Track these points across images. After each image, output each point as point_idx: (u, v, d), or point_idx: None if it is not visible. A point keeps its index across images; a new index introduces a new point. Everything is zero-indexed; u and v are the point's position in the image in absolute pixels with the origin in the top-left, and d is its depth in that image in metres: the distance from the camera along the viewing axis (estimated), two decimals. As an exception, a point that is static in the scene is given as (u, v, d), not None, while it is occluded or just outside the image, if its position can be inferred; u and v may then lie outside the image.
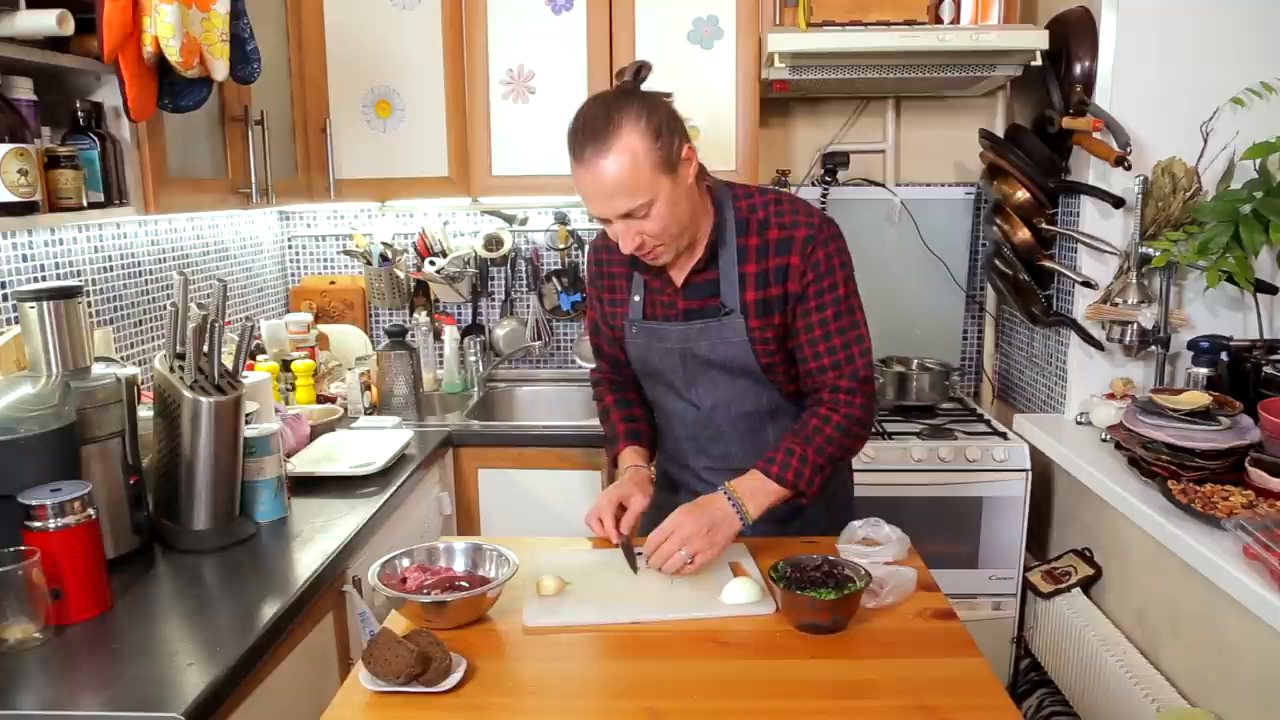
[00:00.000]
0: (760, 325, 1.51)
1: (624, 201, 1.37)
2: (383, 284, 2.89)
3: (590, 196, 1.39)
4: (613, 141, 1.34)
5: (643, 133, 1.35)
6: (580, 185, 1.39)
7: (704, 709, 1.12)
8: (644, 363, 1.63)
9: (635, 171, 1.34)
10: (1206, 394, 1.92)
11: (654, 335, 1.59)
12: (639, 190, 1.36)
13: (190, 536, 1.58)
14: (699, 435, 1.64)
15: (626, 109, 1.36)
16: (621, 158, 1.34)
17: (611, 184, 1.35)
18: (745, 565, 1.46)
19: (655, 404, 1.70)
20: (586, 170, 1.36)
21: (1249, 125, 2.06)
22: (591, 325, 1.76)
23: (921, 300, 2.91)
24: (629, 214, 1.38)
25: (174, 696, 1.13)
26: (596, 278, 1.68)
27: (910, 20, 2.35)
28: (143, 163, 1.73)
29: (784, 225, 1.49)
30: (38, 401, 1.39)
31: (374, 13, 2.51)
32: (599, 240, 1.66)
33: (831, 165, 2.78)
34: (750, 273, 1.50)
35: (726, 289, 1.51)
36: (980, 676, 1.18)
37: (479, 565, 1.40)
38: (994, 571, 2.39)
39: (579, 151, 1.37)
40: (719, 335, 1.53)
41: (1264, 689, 1.53)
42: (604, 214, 1.40)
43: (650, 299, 1.59)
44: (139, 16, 1.54)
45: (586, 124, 1.37)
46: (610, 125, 1.35)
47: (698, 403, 1.61)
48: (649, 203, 1.37)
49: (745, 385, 1.57)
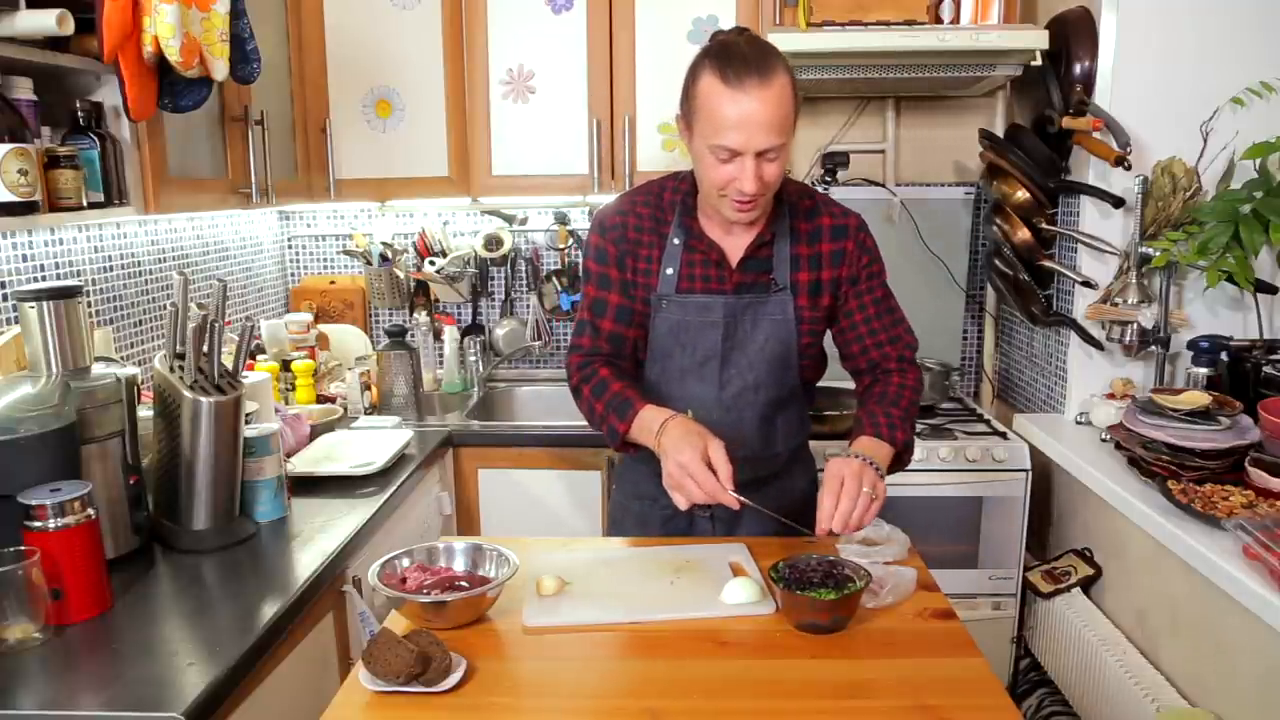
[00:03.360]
0: (809, 305, 1.56)
1: (773, 137, 1.36)
2: (383, 284, 2.89)
3: (740, 124, 1.35)
4: (774, 77, 1.35)
5: (790, 77, 1.38)
6: (729, 113, 1.35)
7: (704, 709, 1.12)
8: (674, 339, 1.57)
9: (787, 108, 1.37)
10: (1206, 394, 1.92)
11: (693, 309, 1.55)
12: (784, 130, 1.38)
13: (190, 536, 1.58)
14: (718, 419, 1.55)
15: (777, 54, 1.39)
16: (781, 94, 1.35)
17: (768, 117, 1.35)
18: (745, 565, 1.46)
19: (663, 392, 1.60)
20: (746, 98, 1.34)
21: (1249, 125, 2.06)
22: (593, 305, 1.61)
23: (921, 300, 2.90)
24: (764, 152, 1.37)
25: (174, 696, 1.13)
26: (619, 245, 1.57)
27: (910, 20, 2.35)
28: (143, 163, 1.73)
29: (834, 214, 1.58)
30: (38, 401, 1.39)
31: (374, 13, 2.51)
32: (620, 206, 1.60)
33: (831, 165, 2.77)
34: (803, 255, 1.56)
35: (779, 266, 1.55)
36: (980, 676, 1.18)
37: (479, 565, 1.40)
38: (994, 571, 2.39)
39: (739, 80, 1.34)
40: (765, 311, 1.55)
41: (1264, 689, 1.53)
42: (748, 146, 1.36)
43: (689, 272, 1.56)
44: (139, 16, 1.54)
45: (746, 55, 1.36)
46: (770, 62, 1.36)
47: (725, 384, 1.58)
48: (783, 145, 1.39)
49: (775, 369, 1.58)
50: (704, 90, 1.38)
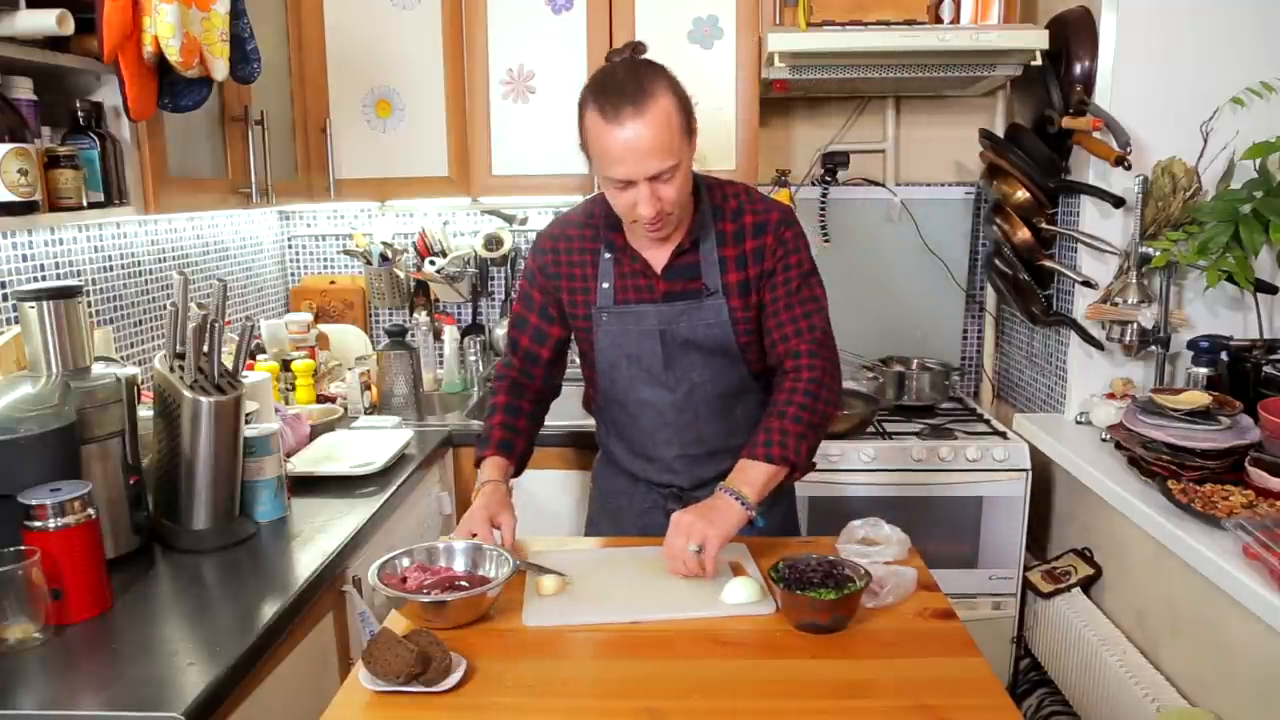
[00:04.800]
0: (741, 305, 1.57)
1: (657, 162, 1.38)
2: (383, 284, 2.89)
3: (623, 157, 1.38)
4: (650, 103, 1.36)
5: (673, 98, 1.40)
6: (611, 146, 1.38)
7: (704, 709, 1.12)
8: (617, 349, 1.62)
9: (670, 133, 1.38)
10: (1206, 394, 1.92)
11: (629, 319, 1.59)
12: (672, 152, 1.38)
13: (190, 536, 1.58)
14: (674, 421, 1.64)
15: (657, 74, 1.41)
16: (660, 118, 1.36)
17: (649, 144, 1.36)
18: (745, 565, 1.46)
19: (619, 399, 1.67)
20: (622, 130, 1.36)
21: (1249, 125, 2.06)
22: (516, 319, 1.72)
23: (921, 300, 2.91)
24: (656, 176, 1.39)
25: (174, 696, 1.13)
26: (551, 270, 1.64)
27: (910, 20, 2.35)
28: (143, 163, 1.73)
29: (757, 211, 1.58)
30: (38, 401, 1.39)
31: (374, 13, 2.51)
32: (553, 231, 1.66)
33: (831, 165, 2.78)
34: (730, 256, 1.57)
35: (708, 271, 1.56)
36: (980, 676, 1.18)
37: (479, 565, 1.40)
38: (994, 571, 2.39)
39: (615, 113, 1.36)
40: (700, 317, 1.57)
41: (1264, 689, 1.53)
42: (636, 175, 1.39)
43: (622, 284, 1.60)
44: (139, 16, 1.54)
45: (620, 87, 1.38)
46: (647, 87, 1.37)
47: (674, 386, 1.62)
48: (676, 166, 1.40)
49: (720, 365, 1.61)
50: (589, 127, 1.41)
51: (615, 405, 1.69)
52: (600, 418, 1.78)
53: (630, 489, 1.74)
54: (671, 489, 1.70)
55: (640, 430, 1.68)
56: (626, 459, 1.73)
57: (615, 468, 1.77)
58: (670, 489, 1.70)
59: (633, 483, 1.74)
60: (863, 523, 1.56)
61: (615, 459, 1.76)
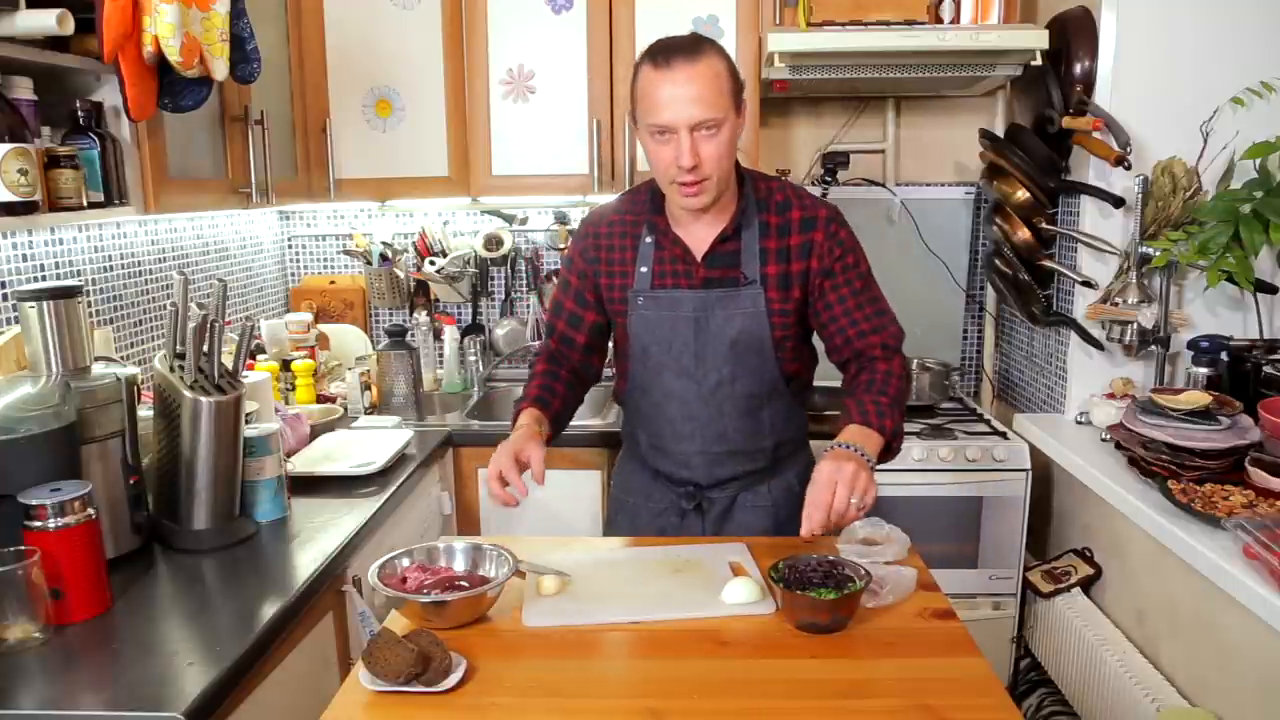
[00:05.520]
0: (779, 298, 1.57)
1: (702, 110, 1.41)
2: (383, 284, 2.89)
3: (669, 102, 1.41)
4: (702, 56, 1.43)
5: (725, 62, 1.46)
6: (657, 92, 1.42)
7: (704, 709, 1.12)
8: (650, 334, 1.62)
9: (718, 85, 1.43)
10: (1206, 394, 1.92)
11: (666, 304, 1.60)
12: (718, 104, 1.42)
13: (190, 536, 1.58)
14: (698, 415, 1.63)
15: (714, 43, 1.48)
16: (709, 70, 1.42)
17: (696, 91, 1.41)
18: (745, 565, 1.46)
19: (646, 388, 1.66)
20: (672, 75, 1.41)
21: (1249, 125, 2.06)
22: (553, 305, 1.76)
23: (921, 300, 2.90)
24: (700, 125, 1.42)
25: (174, 696, 1.13)
26: (592, 254, 1.66)
27: (910, 20, 2.35)
28: (143, 163, 1.73)
29: (805, 206, 1.59)
30: (38, 401, 1.39)
31: (374, 12, 2.51)
32: (593, 217, 1.69)
33: (831, 165, 2.77)
34: (771, 248, 1.57)
35: (748, 260, 1.57)
36: (980, 676, 1.18)
37: (479, 565, 1.40)
38: (994, 571, 2.39)
39: (665, 61, 1.42)
40: (736, 305, 1.57)
41: (1264, 689, 1.53)
42: (678, 120, 1.42)
43: (660, 269, 1.60)
44: (139, 16, 1.54)
45: (674, 42, 1.45)
46: (700, 45, 1.45)
47: (702, 378, 1.61)
48: (720, 121, 1.43)
49: (752, 362, 1.60)
50: (641, 81, 1.47)
51: (641, 393, 1.68)
52: (626, 408, 1.78)
53: (649, 488, 1.73)
54: (688, 488, 1.69)
55: (665, 421, 1.67)
56: (648, 452, 1.72)
57: (636, 465, 1.77)
58: (687, 488, 1.69)
59: (651, 481, 1.73)
60: (863, 523, 1.55)
61: (638, 452, 1.75)
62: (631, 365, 1.68)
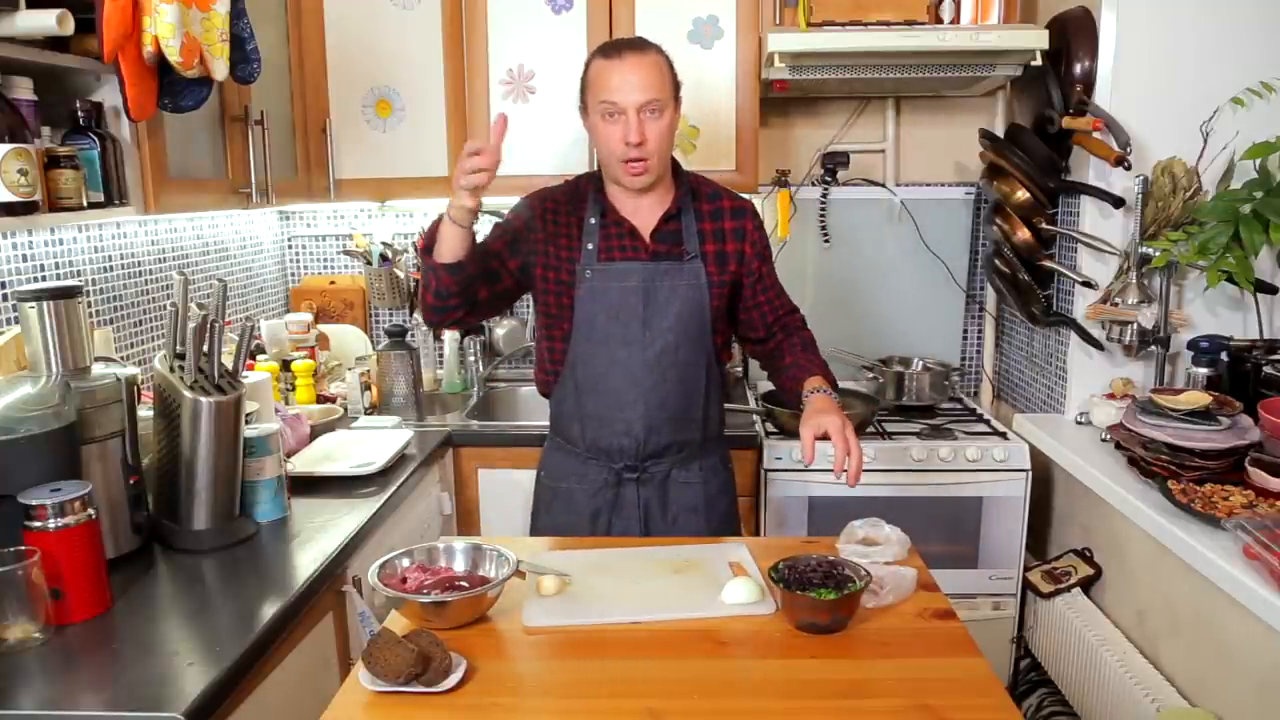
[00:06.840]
0: (716, 273, 1.76)
1: (650, 93, 1.62)
2: (383, 284, 2.89)
3: (619, 86, 1.62)
4: (649, 51, 1.66)
5: (667, 60, 1.68)
6: (608, 76, 1.63)
7: (704, 709, 1.12)
8: (598, 303, 1.72)
9: (662, 75, 1.65)
10: (1206, 394, 1.92)
11: (615, 275, 1.73)
12: (662, 90, 1.64)
13: (190, 536, 1.58)
14: (643, 380, 1.73)
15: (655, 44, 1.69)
16: (654, 64, 1.64)
17: (644, 76, 1.62)
18: (745, 565, 1.46)
19: (589, 359, 1.75)
20: (623, 63, 1.62)
21: (1249, 125, 2.06)
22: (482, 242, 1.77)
23: (921, 300, 2.91)
24: (645, 106, 1.62)
25: (174, 696, 1.13)
26: (537, 225, 1.76)
27: (910, 20, 2.35)
28: (143, 163, 1.73)
29: (733, 198, 1.82)
30: (38, 401, 1.39)
31: (374, 12, 2.51)
32: (541, 194, 1.82)
33: (831, 165, 2.78)
34: (708, 230, 1.77)
35: (689, 238, 1.76)
36: (980, 676, 1.18)
37: (479, 565, 1.40)
38: (994, 571, 2.39)
39: (616, 53, 1.64)
40: (681, 277, 1.74)
41: (1264, 689, 1.53)
42: (627, 100, 1.61)
43: (608, 244, 1.74)
44: (139, 16, 1.54)
45: (623, 40, 1.70)
46: (647, 43, 1.68)
47: (649, 344, 1.73)
48: (663, 104, 1.64)
49: (693, 331, 1.75)
50: (592, 72, 1.67)
51: (583, 365, 1.76)
52: (560, 391, 1.81)
53: (581, 470, 1.81)
54: (626, 461, 1.77)
55: (609, 390, 1.75)
56: (587, 425, 1.78)
57: (564, 453, 1.84)
58: (625, 461, 1.77)
59: (583, 465, 1.80)
60: (863, 523, 1.56)
61: (570, 437, 1.81)
62: (574, 339, 1.76)
